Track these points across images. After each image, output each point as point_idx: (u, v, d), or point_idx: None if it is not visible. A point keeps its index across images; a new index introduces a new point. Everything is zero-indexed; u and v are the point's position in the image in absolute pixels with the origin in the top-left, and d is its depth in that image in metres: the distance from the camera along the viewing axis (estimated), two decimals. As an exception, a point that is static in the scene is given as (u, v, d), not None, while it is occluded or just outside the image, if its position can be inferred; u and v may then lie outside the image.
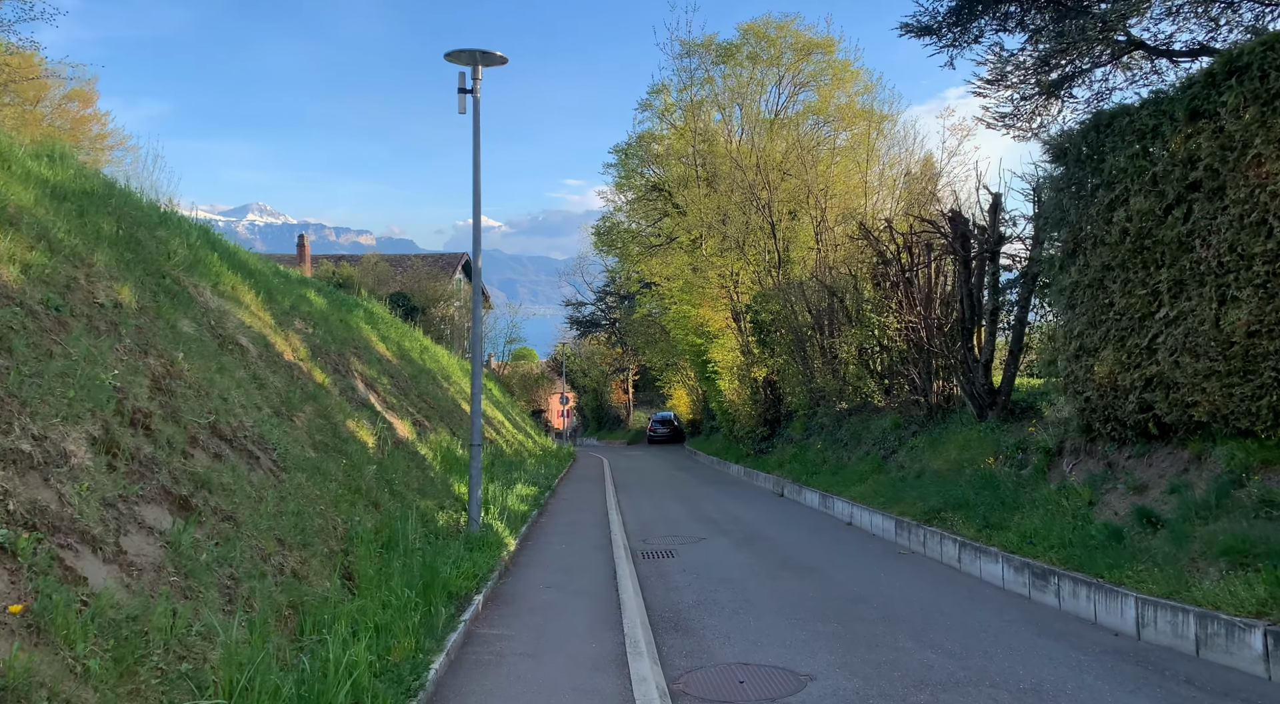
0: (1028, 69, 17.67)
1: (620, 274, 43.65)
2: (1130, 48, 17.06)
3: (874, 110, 27.11)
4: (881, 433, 16.11)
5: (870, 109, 27.60)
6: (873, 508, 13.18)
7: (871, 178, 24.08)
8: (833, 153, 25.80)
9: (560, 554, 11.06)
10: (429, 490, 11.04)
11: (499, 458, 19.78)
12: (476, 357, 9.50)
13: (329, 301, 16.62)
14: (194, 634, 4.28)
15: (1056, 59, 17.22)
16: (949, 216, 12.14)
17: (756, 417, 24.75)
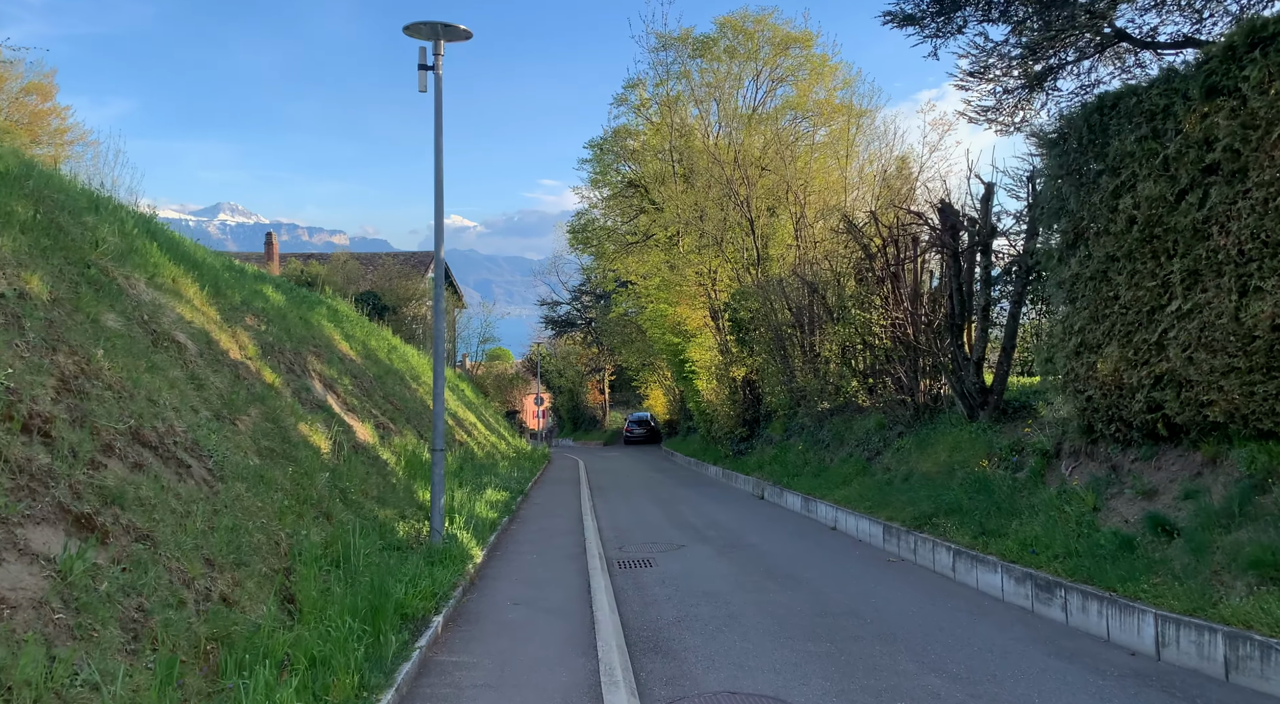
0: (1011, 61, 17.23)
1: (596, 272, 42.97)
2: (1114, 39, 16.67)
3: (853, 106, 26.66)
4: (865, 434, 15.58)
5: (849, 104, 27.16)
6: (858, 512, 12.62)
7: (851, 174, 23.60)
8: (811, 149, 25.31)
9: (531, 566, 10.38)
10: (390, 499, 10.31)
11: (469, 461, 19.05)
12: (438, 353, 8.81)
13: (288, 298, 15.80)
14: (79, 684, 3.58)
15: (1043, 49, 16.78)
16: (938, 207, 11.61)
17: (735, 417, 24.19)
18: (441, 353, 8.86)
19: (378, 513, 9.47)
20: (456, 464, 16.21)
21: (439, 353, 8.87)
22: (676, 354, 30.72)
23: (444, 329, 8.85)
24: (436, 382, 8.96)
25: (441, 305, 8.85)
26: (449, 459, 16.17)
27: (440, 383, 8.95)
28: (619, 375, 61.69)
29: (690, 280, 26.53)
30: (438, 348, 8.85)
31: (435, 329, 8.82)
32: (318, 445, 9.38)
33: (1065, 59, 17.68)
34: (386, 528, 9.15)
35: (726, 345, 25.20)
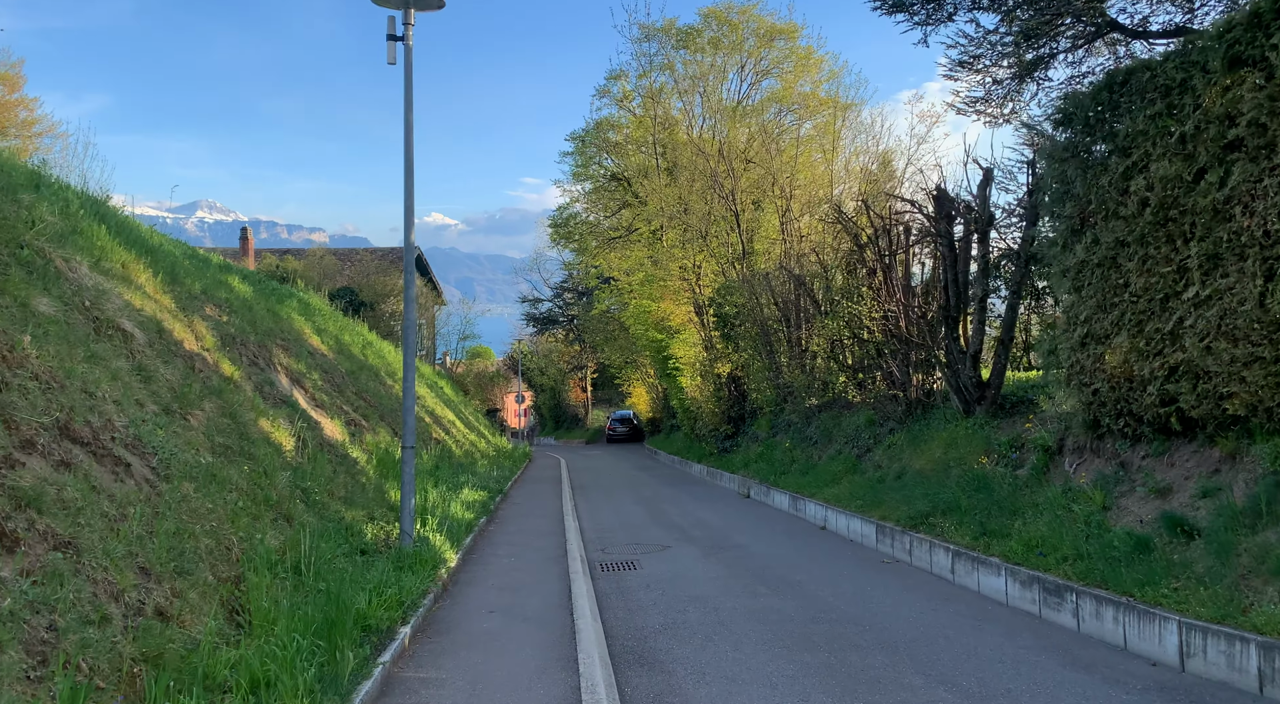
0: (1002, 50, 16.87)
1: (578, 267, 42.37)
2: (1107, 29, 16.33)
3: (838, 99, 26.24)
4: (855, 430, 15.14)
5: (835, 98, 26.76)
6: (850, 511, 12.18)
7: (837, 167, 23.21)
8: (797, 142, 24.88)
9: (508, 569, 9.84)
10: (358, 499, 9.73)
11: (446, 460, 18.46)
12: (409, 344, 8.24)
13: (256, 290, 15.15)
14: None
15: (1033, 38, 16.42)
16: (933, 195, 11.18)
17: (720, 414, 23.72)
18: (412, 342, 8.30)
19: (344, 514, 8.89)
20: (432, 463, 15.63)
21: (409, 343, 8.30)
22: (660, 351, 30.23)
23: (414, 316, 8.29)
24: (406, 373, 8.40)
25: (412, 292, 8.29)
26: (424, 457, 15.58)
27: (410, 374, 8.39)
28: (601, 373, 61.12)
29: (674, 275, 26.04)
30: (408, 337, 8.29)
31: (405, 317, 8.27)
32: (279, 442, 8.79)
33: (1056, 48, 17.33)
34: (353, 530, 8.58)
35: (711, 341, 24.74)
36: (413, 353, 8.27)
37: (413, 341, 8.28)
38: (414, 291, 8.26)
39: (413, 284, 8.27)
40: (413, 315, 8.25)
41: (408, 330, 8.27)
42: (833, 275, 16.35)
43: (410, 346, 8.30)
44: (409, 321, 8.28)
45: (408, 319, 8.25)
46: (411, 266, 8.31)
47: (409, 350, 8.28)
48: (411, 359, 8.31)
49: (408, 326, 8.28)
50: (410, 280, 8.27)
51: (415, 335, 8.27)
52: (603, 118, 31.64)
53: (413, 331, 8.28)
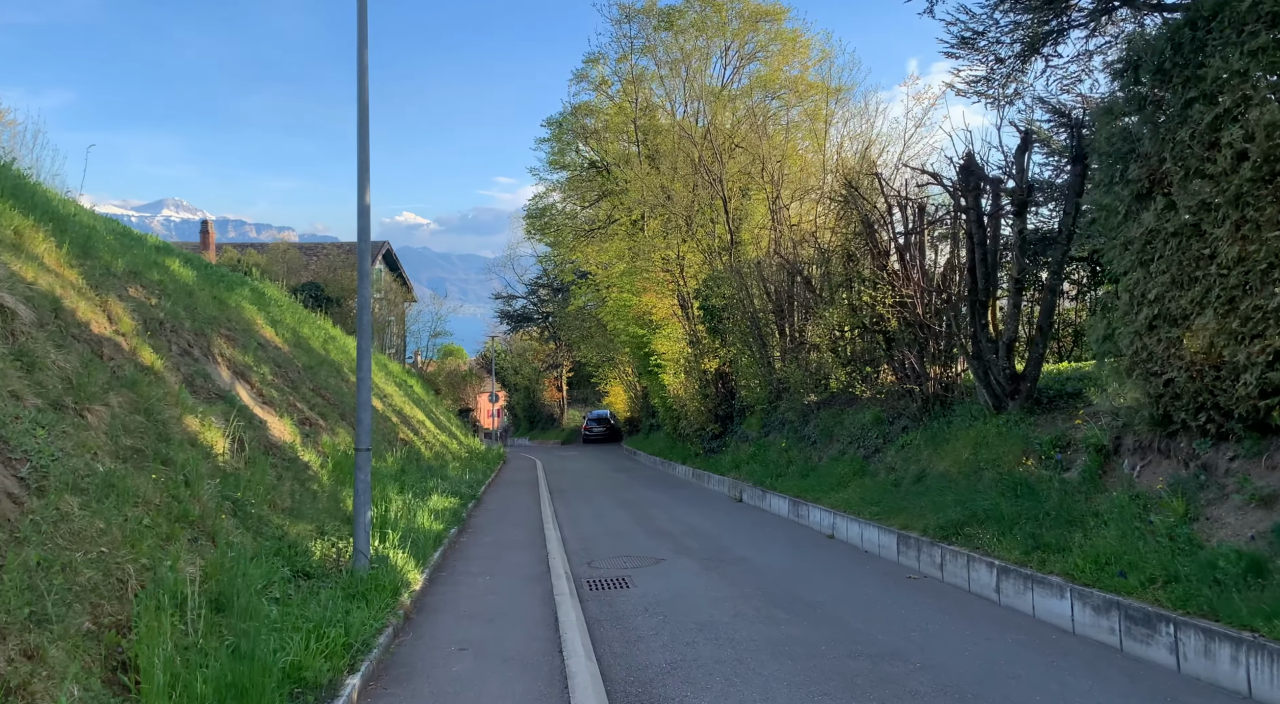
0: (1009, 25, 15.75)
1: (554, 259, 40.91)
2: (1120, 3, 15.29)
3: (828, 85, 25.07)
4: (861, 429, 13.95)
5: (824, 83, 25.60)
6: (863, 519, 10.97)
7: (829, 152, 22.07)
8: (787, 127, 23.73)
9: (483, 591, 8.49)
10: (306, 510, 8.33)
11: (414, 462, 17.03)
12: (364, 326, 6.86)
13: (201, 275, 13.66)
14: None
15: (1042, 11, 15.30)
16: (960, 165, 10.01)
17: (706, 413, 22.49)
18: (368, 324, 6.94)
19: (288, 529, 7.50)
20: (398, 466, 14.22)
21: (364, 325, 6.94)
22: (641, 347, 28.96)
23: (369, 292, 6.94)
24: (361, 360, 7.03)
25: (367, 264, 6.93)
26: (388, 460, 14.16)
27: (366, 362, 7.02)
28: (577, 372, 59.71)
29: (656, 266, 24.77)
30: (362, 318, 6.92)
31: (360, 293, 6.91)
32: (209, 444, 7.38)
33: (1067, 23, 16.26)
34: (297, 549, 7.19)
35: (696, 336, 23.50)
36: (368, 336, 6.92)
37: (368, 323, 6.93)
38: (369, 265, 6.91)
39: (367, 255, 6.92)
40: (367, 292, 6.90)
41: (362, 309, 6.91)
42: (834, 261, 15.15)
43: (365, 329, 6.94)
44: (363, 299, 6.92)
45: (362, 296, 6.90)
46: (366, 231, 6.95)
47: (364, 333, 6.92)
48: (367, 343, 6.94)
49: (362, 305, 6.92)
50: (365, 249, 6.91)
51: (370, 315, 6.91)
52: (581, 103, 30.31)
53: (368, 310, 6.92)
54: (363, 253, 6.88)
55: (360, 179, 6.92)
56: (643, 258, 25.94)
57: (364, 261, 6.95)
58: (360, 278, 6.86)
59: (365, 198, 6.87)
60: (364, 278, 6.88)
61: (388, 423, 18.87)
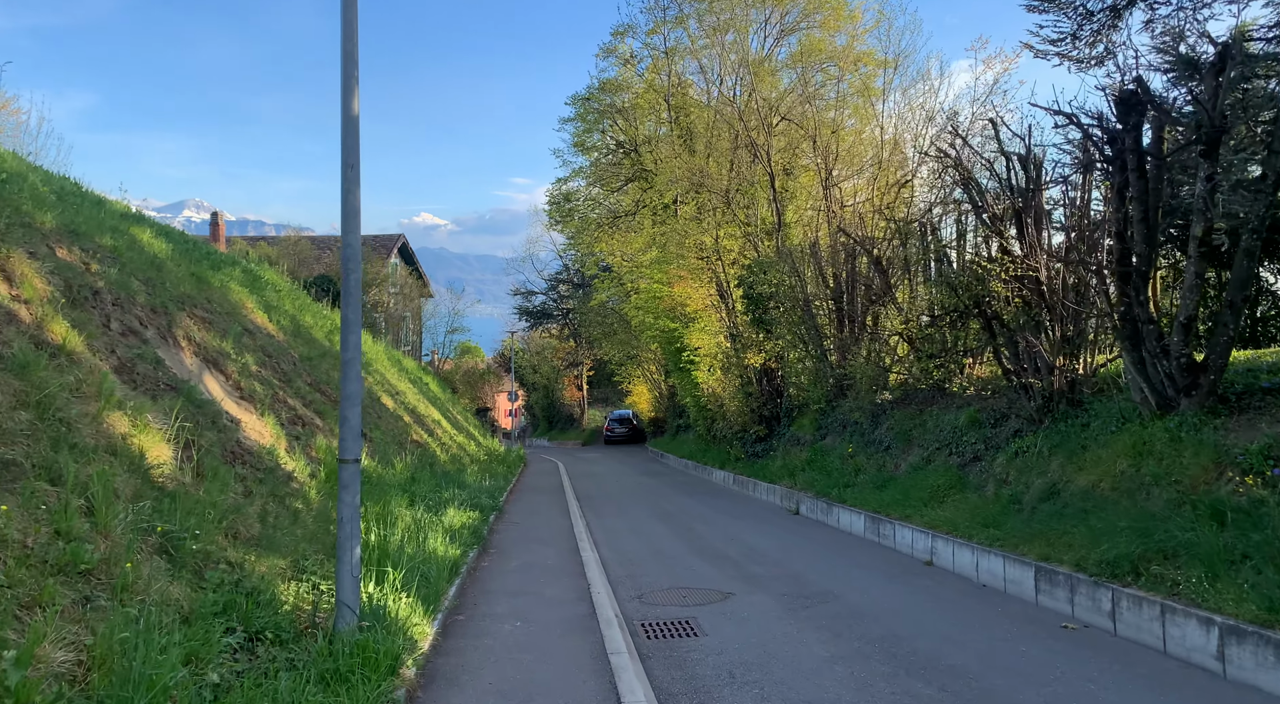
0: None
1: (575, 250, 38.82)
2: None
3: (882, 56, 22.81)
4: (953, 432, 11.81)
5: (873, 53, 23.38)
6: (977, 544, 8.86)
7: (887, 124, 19.90)
8: (839, 100, 21.60)
9: (513, 647, 6.44)
10: (281, 540, 6.31)
11: (428, 468, 15.04)
12: (350, 287, 4.79)
13: (179, 250, 11.73)
14: None
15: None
16: (1118, 95, 7.90)
17: (749, 413, 20.37)
18: (355, 286, 4.90)
19: (252, 568, 5.49)
20: (408, 473, 12.22)
21: (351, 287, 4.88)
22: (672, 342, 26.87)
23: (358, 241, 4.91)
24: (346, 336, 4.98)
25: (355, 201, 4.88)
26: (397, 467, 12.16)
27: (354, 338, 4.97)
28: (598, 370, 57.68)
29: (691, 253, 22.68)
30: (348, 279, 4.88)
31: (345, 244, 4.87)
32: (141, 452, 5.38)
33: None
34: (260, 599, 5.17)
35: (737, 329, 21.39)
36: (357, 300, 4.89)
37: (356, 283, 4.89)
38: (358, 202, 4.88)
39: (356, 189, 4.87)
40: (355, 240, 4.88)
41: (348, 261, 4.88)
42: (912, 238, 13.01)
43: (353, 291, 4.90)
44: (350, 251, 4.88)
45: (348, 247, 4.86)
46: (355, 164, 4.92)
47: (350, 296, 4.88)
48: (356, 312, 4.91)
49: (348, 256, 4.89)
50: (354, 183, 4.87)
51: (360, 271, 4.89)
52: (608, 79, 28.22)
53: (356, 263, 4.89)
54: (349, 184, 4.84)
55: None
56: (674, 245, 23.86)
57: (350, 196, 4.89)
58: (344, 217, 4.82)
59: (353, 100, 4.85)
60: (351, 214, 4.83)
61: (399, 423, 16.92)
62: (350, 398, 4.99)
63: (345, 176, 4.92)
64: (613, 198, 31.76)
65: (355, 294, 5.00)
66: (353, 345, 4.99)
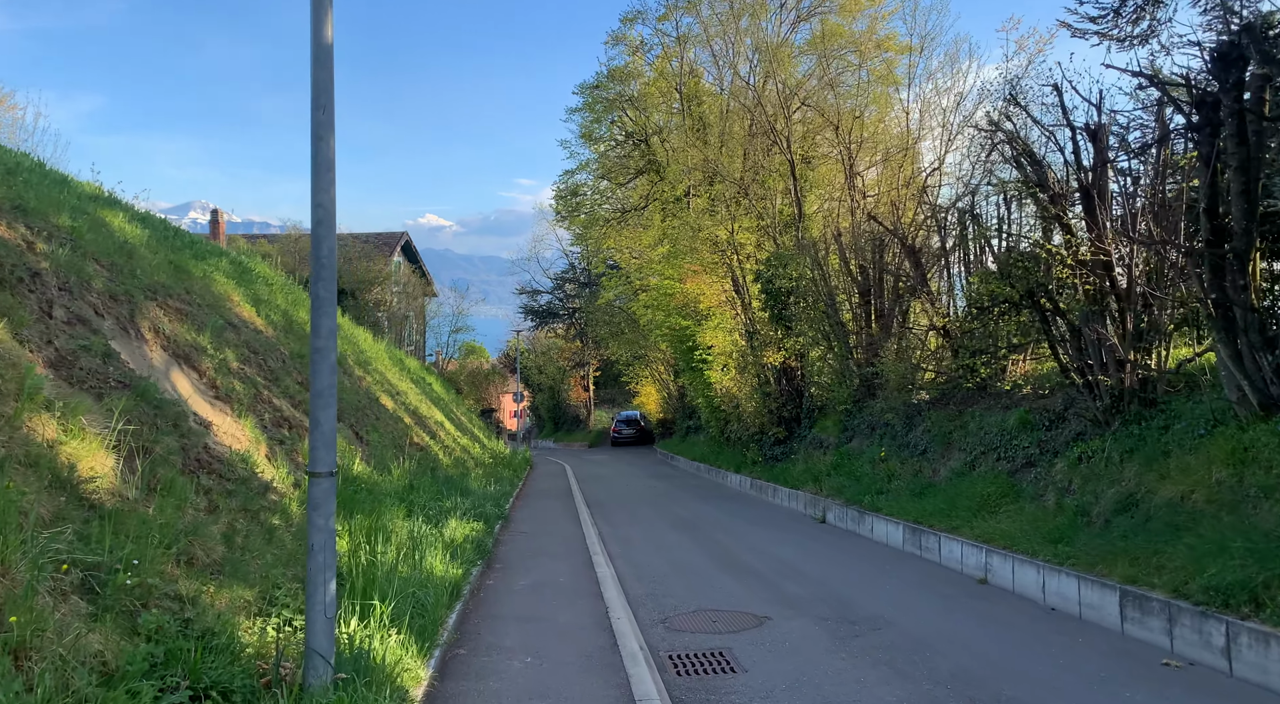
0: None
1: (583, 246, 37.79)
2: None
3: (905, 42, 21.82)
4: (1001, 435, 10.80)
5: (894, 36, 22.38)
6: (1043, 562, 7.87)
7: (912, 110, 18.89)
8: (859, 83, 20.60)
9: (523, 695, 5.45)
10: (248, 565, 5.33)
11: (429, 472, 14.08)
12: (323, 256, 3.81)
13: (158, 237, 10.80)
14: None
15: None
16: (1214, 53, 6.89)
17: (767, 414, 19.37)
18: (329, 254, 3.92)
19: (210, 602, 4.52)
20: (405, 480, 11.25)
21: (324, 256, 3.89)
22: (683, 341, 25.89)
23: (333, 197, 3.92)
24: (319, 318, 3.99)
25: (328, 152, 3.90)
26: (394, 473, 11.19)
27: (327, 321, 3.97)
28: (604, 371, 56.68)
29: (704, 247, 21.70)
30: (320, 249, 3.89)
31: (315, 208, 3.89)
32: (71, 463, 4.42)
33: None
34: (214, 641, 4.20)
35: (754, 326, 20.40)
36: (330, 275, 3.90)
37: (330, 251, 3.91)
38: (331, 152, 3.91)
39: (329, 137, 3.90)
40: (329, 200, 3.89)
41: (319, 225, 3.90)
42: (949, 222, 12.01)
43: (326, 262, 3.92)
44: (322, 213, 3.90)
45: (319, 208, 3.88)
46: (328, 106, 3.94)
47: (323, 269, 3.89)
48: (330, 288, 3.92)
49: (319, 219, 3.91)
50: (326, 128, 3.89)
51: (333, 235, 3.92)
52: (618, 67, 27.21)
53: (329, 228, 3.91)
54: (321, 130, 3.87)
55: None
56: (687, 239, 22.88)
57: (323, 144, 3.91)
58: (316, 170, 3.83)
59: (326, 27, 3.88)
60: (323, 168, 3.84)
61: (399, 425, 15.97)
62: (321, 395, 4.02)
63: (315, 121, 3.95)
64: (621, 192, 30.77)
65: (329, 267, 4.03)
66: (325, 331, 4.02)
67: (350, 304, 32.62)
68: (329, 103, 3.97)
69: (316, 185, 3.97)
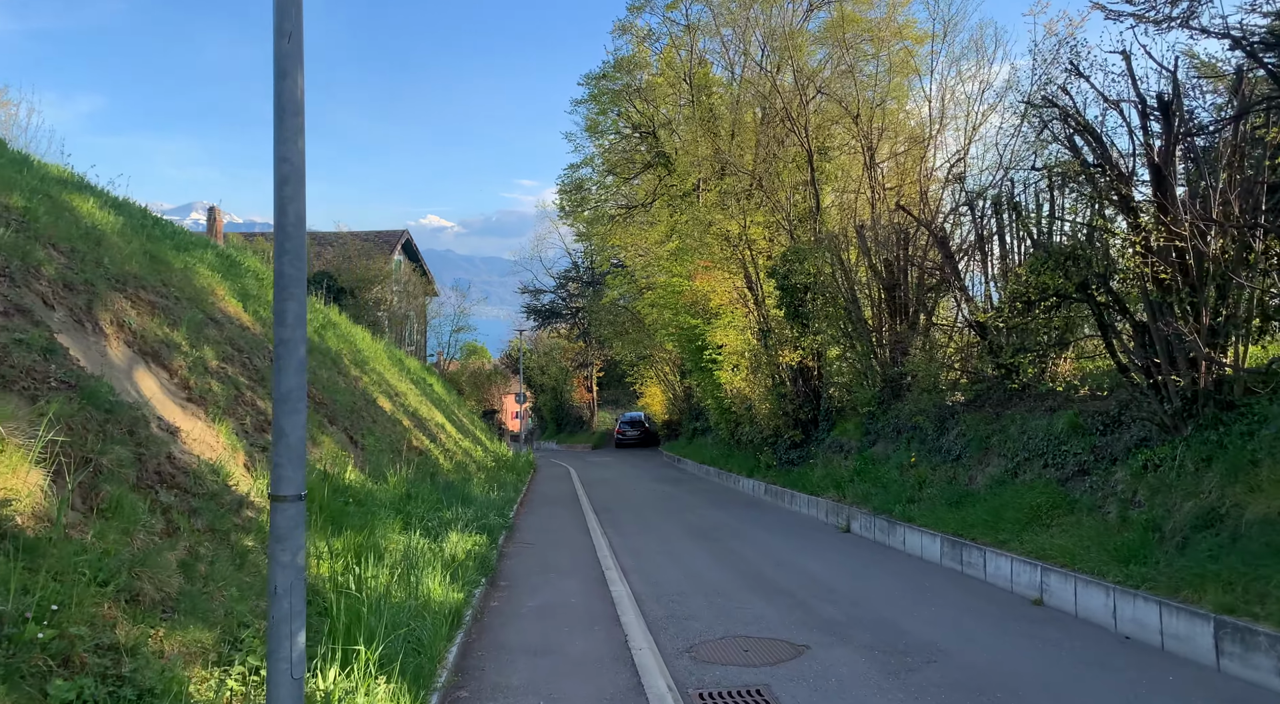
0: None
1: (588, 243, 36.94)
2: None
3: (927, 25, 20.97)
4: (1046, 439, 9.95)
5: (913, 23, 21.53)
6: (1113, 583, 7.04)
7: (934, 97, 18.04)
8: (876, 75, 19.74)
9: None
10: (209, 598, 4.49)
11: (429, 478, 13.24)
12: (287, 224, 3.07)
13: (134, 225, 9.98)
14: None
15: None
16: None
17: (783, 416, 18.52)
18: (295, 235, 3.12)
19: (153, 649, 3.70)
20: (403, 489, 10.41)
21: (289, 224, 3.10)
22: (692, 340, 25.05)
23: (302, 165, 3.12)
24: (283, 301, 3.18)
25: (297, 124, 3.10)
26: (390, 481, 10.35)
27: (295, 305, 3.16)
28: (608, 371, 55.81)
29: (715, 241, 20.86)
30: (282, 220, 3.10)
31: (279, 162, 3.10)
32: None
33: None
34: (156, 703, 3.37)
35: (768, 324, 19.56)
36: (299, 247, 3.09)
37: (298, 220, 3.11)
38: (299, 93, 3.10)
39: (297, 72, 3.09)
40: (295, 153, 3.11)
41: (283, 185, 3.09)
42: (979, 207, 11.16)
43: (293, 234, 3.12)
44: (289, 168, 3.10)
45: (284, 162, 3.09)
46: (295, 33, 3.13)
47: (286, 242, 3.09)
48: (299, 266, 3.12)
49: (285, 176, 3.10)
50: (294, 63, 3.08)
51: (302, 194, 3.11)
52: (624, 56, 26.35)
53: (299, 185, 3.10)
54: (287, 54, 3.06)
55: None
56: (697, 234, 22.04)
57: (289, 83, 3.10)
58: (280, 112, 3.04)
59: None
60: (288, 111, 3.04)
61: (397, 427, 15.15)
62: (288, 398, 3.19)
63: (279, 53, 3.13)
64: (626, 187, 29.92)
65: (297, 239, 3.21)
66: (292, 317, 3.20)
67: (349, 303, 31.80)
68: (297, 30, 3.16)
69: (281, 134, 3.15)
